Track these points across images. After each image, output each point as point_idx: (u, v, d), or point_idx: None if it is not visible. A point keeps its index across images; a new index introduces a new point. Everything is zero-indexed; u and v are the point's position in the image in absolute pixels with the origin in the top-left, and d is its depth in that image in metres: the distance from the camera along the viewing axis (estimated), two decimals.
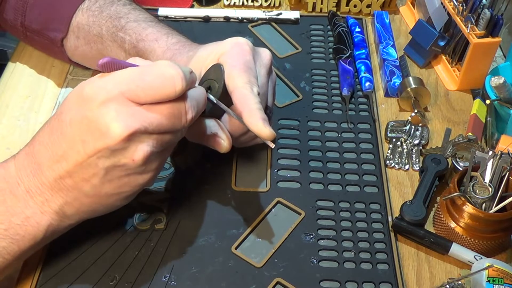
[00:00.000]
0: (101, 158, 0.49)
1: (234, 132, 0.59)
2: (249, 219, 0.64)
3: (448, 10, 0.81)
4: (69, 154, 0.49)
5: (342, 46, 0.84)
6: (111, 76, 0.49)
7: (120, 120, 0.47)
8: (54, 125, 0.51)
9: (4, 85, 0.80)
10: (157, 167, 0.53)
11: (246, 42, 0.60)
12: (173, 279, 0.59)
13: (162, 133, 0.50)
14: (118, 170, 0.50)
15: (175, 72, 0.49)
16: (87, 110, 0.48)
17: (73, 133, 0.49)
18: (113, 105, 0.48)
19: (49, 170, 0.51)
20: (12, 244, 0.52)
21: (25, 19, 0.74)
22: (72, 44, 0.74)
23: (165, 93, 0.49)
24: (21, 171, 0.52)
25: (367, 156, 0.72)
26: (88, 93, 0.48)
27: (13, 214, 0.52)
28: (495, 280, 0.56)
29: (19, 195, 0.52)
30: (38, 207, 0.52)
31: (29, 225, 0.52)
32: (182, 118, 0.51)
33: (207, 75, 0.59)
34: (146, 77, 0.48)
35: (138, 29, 0.68)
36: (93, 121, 0.48)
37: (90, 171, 0.50)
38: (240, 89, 0.55)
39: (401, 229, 0.64)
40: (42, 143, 0.51)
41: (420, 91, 0.77)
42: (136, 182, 0.52)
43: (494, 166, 0.61)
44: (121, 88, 0.48)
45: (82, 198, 0.52)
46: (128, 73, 0.49)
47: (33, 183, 0.51)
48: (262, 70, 0.61)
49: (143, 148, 0.49)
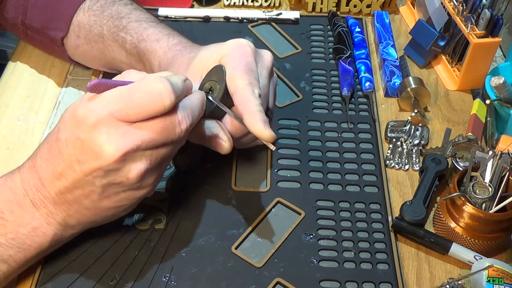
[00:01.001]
0: (97, 177, 0.50)
1: (235, 134, 0.59)
2: (249, 219, 0.64)
3: (448, 10, 0.81)
4: (67, 172, 0.51)
5: (342, 46, 0.84)
6: (100, 98, 0.50)
7: (111, 142, 0.48)
8: (52, 143, 0.52)
9: (4, 85, 0.80)
10: (154, 181, 0.54)
11: (248, 43, 0.60)
12: (173, 279, 0.59)
13: (156, 147, 0.51)
14: (115, 187, 0.51)
15: (162, 86, 0.49)
16: (80, 132, 0.49)
17: (69, 153, 0.50)
18: (103, 128, 0.49)
19: (51, 185, 0.52)
20: (19, 252, 0.54)
21: (26, 17, 0.74)
22: (73, 43, 0.74)
23: (154, 109, 0.49)
24: (26, 184, 0.54)
25: (367, 156, 0.72)
26: (80, 115, 0.50)
27: (21, 224, 0.53)
28: (495, 280, 0.56)
29: (25, 206, 0.53)
30: (43, 218, 0.54)
31: (36, 235, 0.54)
32: (176, 130, 0.51)
33: (208, 76, 0.59)
34: (135, 95, 0.49)
35: (139, 29, 0.68)
36: (86, 143, 0.49)
37: (87, 188, 0.51)
38: (241, 90, 0.55)
39: (401, 229, 0.64)
40: (43, 159, 0.53)
41: (420, 91, 0.77)
42: (133, 196, 0.53)
43: (494, 166, 0.61)
44: (110, 109, 0.49)
45: (83, 211, 0.53)
46: (116, 92, 0.50)
47: (37, 196, 0.53)
48: (263, 71, 0.61)
49: (137, 167, 0.50)
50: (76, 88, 0.79)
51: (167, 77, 0.50)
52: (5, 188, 0.54)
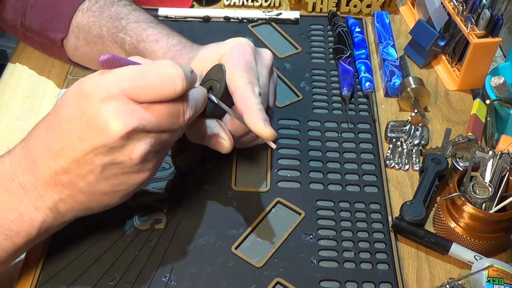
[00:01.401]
0: (98, 155, 0.49)
1: (236, 133, 0.59)
2: (249, 219, 0.64)
3: (448, 10, 0.81)
4: (66, 151, 0.49)
5: (342, 46, 0.84)
6: (111, 73, 0.49)
7: (119, 118, 0.47)
8: (51, 121, 0.51)
9: (4, 85, 0.80)
10: (154, 167, 0.53)
11: (248, 42, 0.60)
12: (173, 279, 0.59)
13: (160, 132, 0.50)
14: (115, 167, 0.50)
15: (176, 71, 0.49)
16: (86, 107, 0.48)
17: (70, 129, 0.49)
18: (113, 103, 0.48)
19: (45, 165, 0.51)
20: (6, 240, 0.52)
21: (25, 19, 0.74)
22: (72, 44, 0.74)
23: (165, 92, 0.49)
24: (16, 166, 0.52)
25: (367, 156, 0.72)
26: (88, 89, 0.48)
27: (7, 210, 0.51)
28: (495, 280, 0.56)
29: (13, 190, 0.51)
30: (32, 203, 0.52)
31: (23, 221, 0.52)
32: (180, 118, 0.51)
33: (208, 75, 0.59)
34: (147, 76, 0.48)
35: (138, 30, 0.68)
36: (92, 117, 0.48)
37: (86, 168, 0.50)
38: (241, 89, 0.55)
39: (401, 229, 0.64)
40: (38, 139, 0.51)
41: (420, 91, 0.77)
42: (132, 181, 0.52)
43: (494, 166, 0.62)
44: (121, 86, 0.48)
45: (77, 195, 0.52)
46: (129, 71, 0.49)
47: (27, 179, 0.51)
48: (263, 70, 0.61)
49: (140, 147, 0.49)
50: None
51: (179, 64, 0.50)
52: None
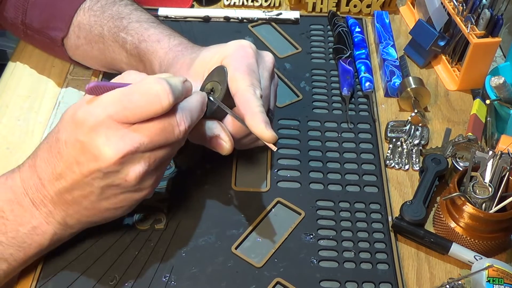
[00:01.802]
0: (96, 179, 0.50)
1: (236, 134, 0.59)
2: (249, 219, 0.64)
3: (448, 10, 0.81)
4: (66, 173, 0.51)
5: (342, 46, 0.84)
6: (98, 100, 0.50)
7: (110, 145, 0.49)
8: (52, 143, 0.52)
9: (4, 85, 0.80)
10: (153, 183, 0.54)
11: (250, 45, 0.60)
12: (173, 279, 0.59)
13: (155, 149, 0.51)
14: (113, 189, 0.52)
15: (160, 87, 0.49)
16: (79, 134, 0.50)
17: (68, 154, 0.51)
18: (102, 130, 0.49)
19: (50, 185, 0.53)
20: (19, 251, 0.54)
21: (26, 17, 0.74)
22: (73, 43, 0.74)
23: (152, 110, 0.49)
24: (26, 183, 0.54)
25: (367, 156, 0.72)
26: (79, 117, 0.50)
27: (21, 223, 0.54)
28: (495, 280, 0.56)
29: (25, 206, 0.53)
30: (43, 217, 0.54)
31: (35, 234, 0.54)
32: (175, 131, 0.51)
33: (210, 77, 0.59)
34: (132, 97, 0.49)
35: (140, 30, 0.68)
36: (85, 144, 0.49)
37: (86, 189, 0.51)
38: (243, 91, 0.55)
39: (401, 229, 0.64)
40: (42, 159, 0.53)
41: (420, 91, 0.77)
42: (132, 198, 0.54)
43: (494, 166, 0.62)
44: (108, 112, 0.49)
45: (82, 211, 0.54)
46: (114, 95, 0.50)
47: (36, 196, 0.53)
48: (265, 73, 0.61)
49: (135, 169, 0.50)
50: (76, 88, 0.79)
51: (165, 79, 0.50)
52: (6, 187, 0.54)
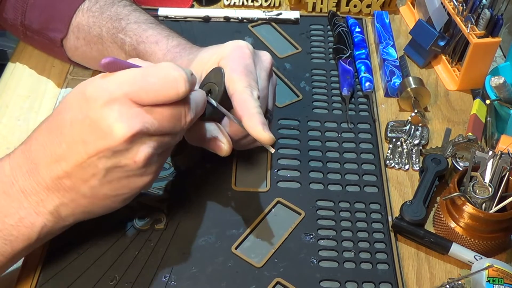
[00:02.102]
0: (102, 159, 0.49)
1: (234, 136, 0.59)
2: (249, 219, 0.64)
3: (448, 10, 0.81)
4: (69, 154, 0.49)
5: (342, 46, 0.84)
6: (114, 77, 0.49)
7: (123, 121, 0.47)
8: (53, 125, 0.50)
9: (4, 85, 0.80)
10: (156, 170, 0.53)
11: (247, 45, 0.60)
12: (173, 279, 0.59)
13: (162, 134, 0.50)
14: (118, 171, 0.50)
15: (178, 74, 0.49)
16: (89, 110, 0.48)
17: (73, 133, 0.49)
18: (116, 106, 0.48)
19: (47, 170, 0.50)
20: (5, 245, 0.52)
21: (25, 18, 0.74)
22: (72, 44, 0.74)
23: (168, 95, 0.49)
24: (16, 170, 0.51)
25: (367, 156, 0.72)
26: (91, 93, 0.48)
27: (7, 214, 0.51)
28: (495, 280, 0.56)
29: (13, 195, 0.51)
30: (32, 207, 0.51)
31: (23, 226, 0.52)
32: (182, 120, 0.51)
33: (207, 78, 0.59)
34: (149, 79, 0.48)
35: (138, 31, 0.68)
36: (96, 121, 0.48)
37: (89, 171, 0.49)
38: (240, 93, 0.55)
39: (401, 229, 0.64)
40: (39, 142, 0.51)
41: (420, 91, 0.77)
42: (135, 184, 0.52)
43: (494, 166, 0.62)
44: (124, 89, 0.48)
45: (79, 199, 0.52)
46: (131, 74, 0.49)
47: (28, 183, 0.51)
48: (262, 73, 0.60)
49: (144, 150, 0.49)
50: None
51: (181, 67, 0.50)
52: None
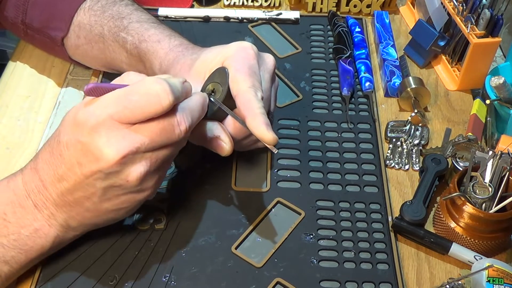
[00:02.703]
0: (98, 180, 0.50)
1: (237, 136, 0.59)
2: (249, 219, 0.64)
3: (448, 10, 0.81)
4: (68, 175, 0.51)
5: (342, 46, 0.84)
6: (98, 101, 0.50)
7: (111, 145, 0.49)
8: (54, 146, 0.52)
9: (4, 85, 0.80)
10: (155, 184, 0.54)
11: (251, 46, 0.60)
12: (173, 279, 0.59)
13: (156, 149, 0.51)
14: (116, 189, 0.52)
15: (160, 87, 0.49)
16: (80, 135, 0.50)
17: (69, 156, 0.51)
18: (103, 130, 0.49)
19: (52, 187, 0.53)
20: (21, 254, 0.54)
21: (26, 17, 0.74)
22: (73, 43, 0.74)
23: (152, 110, 0.49)
24: (28, 185, 0.54)
25: (367, 156, 0.72)
26: (80, 118, 0.50)
27: (23, 226, 0.54)
28: (495, 280, 0.56)
29: (27, 208, 0.54)
30: (45, 220, 0.54)
31: (38, 236, 0.54)
32: (175, 131, 0.51)
33: (211, 78, 0.59)
34: (132, 97, 0.49)
35: (140, 30, 0.68)
36: (86, 146, 0.49)
37: (89, 190, 0.51)
38: (244, 93, 0.55)
39: (401, 229, 0.64)
40: (44, 161, 0.53)
41: (420, 91, 0.77)
42: (134, 199, 0.54)
43: (494, 166, 0.62)
44: (108, 112, 0.49)
45: (84, 213, 0.54)
46: (114, 95, 0.50)
47: (39, 198, 0.53)
48: (266, 75, 0.61)
49: (137, 169, 0.50)
50: (76, 88, 0.79)
51: (165, 79, 0.50)
52: (8, 189, 0.54)
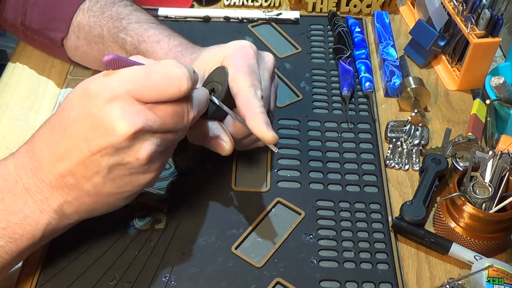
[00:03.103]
0: (105, 156, 0.49)
1: (237, 135, 0.59)
2: (249, 219, 0.64)
3: (448, 10, 0.81)
4: (72, 152, 0.49)
5: (342, 46, 0.84)
6: (116, 74, 0.49)
7: (125, 118, 0.47)
8: (56, 123, 0.51)
9: (4, 85, 0.80)
10: (159, 167, 0.53)
11: (250, 45, 0.60)
12: (173, 279, 0.59)
13: (165, 132, 0.50)
14: (121, 168, 0.50)
15: (180, 71, 0.49)
16: (92, 108, 0.48)
17: (76, 131, 0.49)
18: (118, 103, 0.48)
19: (50, 168, 0.50)
20: (10, 243, 0.52)
21: (26, 18, 0.74)
22: (73, 44, 0.74)
23: (171, 92, 0.49)
24: (21, 169, 0.52)
25: (367, 156, 0.72)
26: (93, 90, 0.48)
27: (12, 213, 0.51)
28: (495, 280, 0.56)
29: (17, 193, 0.52)
30: (37, 205, 0.52)
31: (28, 224, 0.52)
32: (185, 118, 0.51)
33: (211, 77, 0.59)
34: (152, 76, 0.48)
35: (139, 31, 0.68)
36: (98, 118, 0.48)
37: (92, 169, 0.49)
38: (244, 92, 0.55)
39: (401, 229, 0.64)
40: (42, 141, 0.51)
41: (420, 91, 0.77)
42: (138, 181, 0.52)
43: (494, 166, 0.62)
44: (126, 87, 0.48)
45: (83, 197, 0.52)
46: (134, 71, 0.49)
47: (32, 181, 0.51)
48: (265, 74, 0.61)
49: (147, 147, 0.49)
50: None
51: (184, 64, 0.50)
52: None
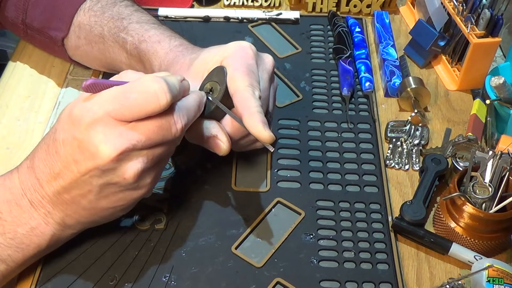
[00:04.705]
0: (94, 177, 0.50)
1: (234, 135, 0.59)
2: (249, 219, 0.64)
3: (448, 10, 0.81)
4: (64, 172, 0.51)
5: (342, 46, 0.84)
6: (96, 97, 0.50)
7: (107, 142, 0.49)
8: (50, 143, 0.52)
9: (4, 85, 0.80)
10: (152, 181, 0.54)
11: (250, 46, 0.60)
12: (173, 279, 0.59)
13: (153, 147, 0.51)
14: (112, 187, 0.51)
15: (158, 86, 0.49)
16: (76, 132, 0.50)
17: (65, 153, 0.50)
18: (100, 127, 0.49)
19: (48, 185, 0.52)
20: (17, 252, 0.54)
21: (26, 17, 0.74)
22: (73, 43, 0.74)
23: (150, 108, 0.49)
24: (24, 184, 0.54)
25: (367, 156, 0.72)
26: (76, 114, 0.50)
27: (19, 224, 0.53)
28: (495, 280, 0.56)
29: (24, 206, 0.53)
30: (41, 218, 0.54)
31: (34, 235, 0.54)
32: (172, 129, 0.51)
33: (209, 77, 0.59)
34: (130, 95, 0.49)
35: (140, 31, 0.68)
36: (83, 142, 0.49)
37: (85, 188, 0.51)
38: (242, 91, 0.56)
39: (401, 229, 0.64)
40: (40, 159, 0.53)
41: (420, 91, 0.77)
42: (131, 196, 0.53)
43: (494, 166, 0.62)
44: (106, 109, 0.49)
45: (81, 211, 0.54)
46: (112, 92, 0.50)
47: (35, 196, 0.53)
48: (264, 75, 0.61)
49: (133, 166, 0.50)
50: (76, 88, 0.79)
51: (163, 77, 0.50)
52: (4, 188, 0.54)
